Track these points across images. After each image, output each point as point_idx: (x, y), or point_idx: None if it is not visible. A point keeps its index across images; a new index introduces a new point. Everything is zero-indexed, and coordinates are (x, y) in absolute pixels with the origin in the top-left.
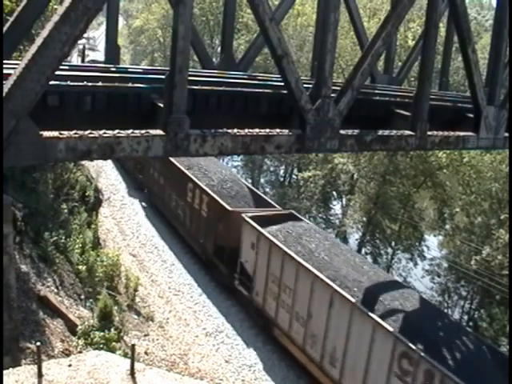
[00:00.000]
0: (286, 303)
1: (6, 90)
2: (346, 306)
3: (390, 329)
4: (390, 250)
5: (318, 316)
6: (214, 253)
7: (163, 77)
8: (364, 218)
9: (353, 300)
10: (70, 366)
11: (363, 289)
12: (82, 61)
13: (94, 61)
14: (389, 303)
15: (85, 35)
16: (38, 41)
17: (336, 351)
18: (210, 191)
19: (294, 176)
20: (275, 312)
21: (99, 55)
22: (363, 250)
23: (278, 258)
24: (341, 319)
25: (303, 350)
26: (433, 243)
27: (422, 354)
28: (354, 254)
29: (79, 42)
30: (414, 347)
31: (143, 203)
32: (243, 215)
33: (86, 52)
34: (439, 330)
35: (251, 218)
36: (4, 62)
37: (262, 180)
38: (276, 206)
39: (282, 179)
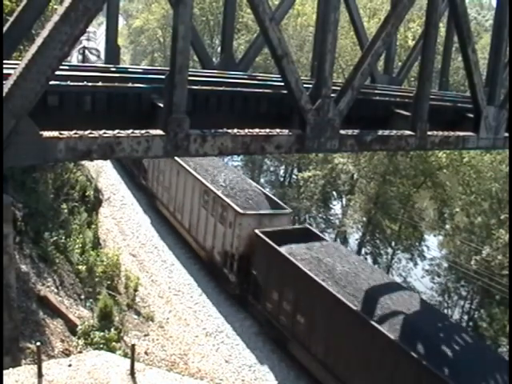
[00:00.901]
0: (161, 181)
1: (5, 90)
2: (184, 172)
3: (200, 178)
4: (390, 250)
5: (173, 184)
6: (132, 163)
7: (163, 77)
8: (364, 218)
9: (187, 167)
10: (70, 365)
11: (202, 168)
12: (83, 58)
13: (86, 47)
14: (206, 168)
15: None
16: (38, 41)
17: (180, 204)
18: None
19: (294, 176)
20: (156, 190)
21: (92, 44)
22: (363, 250)
23: None
24: (181, 182)
25: (167, 208)
26: (433, 243)
27: (212, 188)
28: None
29: None
30: (210, 186)
31: None
32: None
33: (84, 43)
34: (232, 181)
35: None
36: (4, 62)
37: (262, 180)
38: None
39: (282, 179)
